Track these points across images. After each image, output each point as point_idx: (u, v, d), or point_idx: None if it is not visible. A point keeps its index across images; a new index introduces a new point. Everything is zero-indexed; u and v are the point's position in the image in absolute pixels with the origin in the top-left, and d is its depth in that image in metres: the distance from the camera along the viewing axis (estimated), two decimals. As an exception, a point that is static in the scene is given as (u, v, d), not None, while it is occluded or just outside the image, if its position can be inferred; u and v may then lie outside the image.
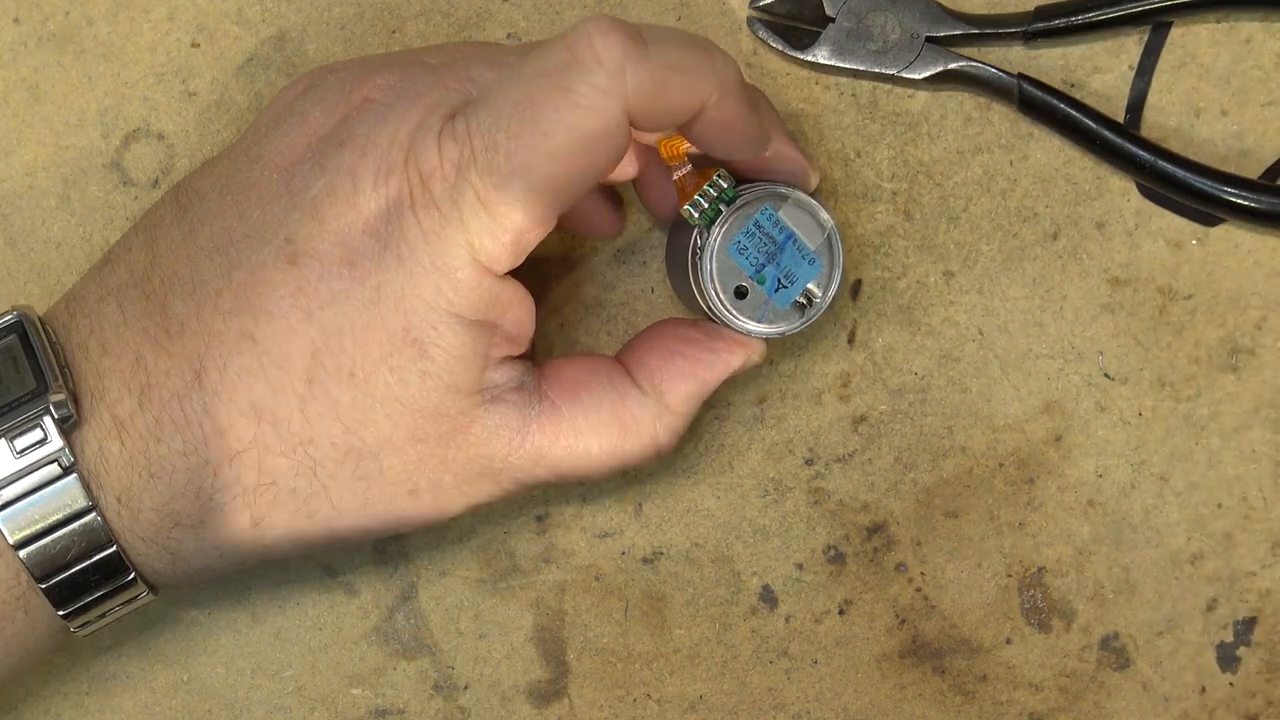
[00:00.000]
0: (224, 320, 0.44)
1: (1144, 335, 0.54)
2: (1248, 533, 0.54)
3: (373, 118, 0.45)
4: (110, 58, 0.56)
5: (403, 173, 0.43)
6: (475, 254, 0.43)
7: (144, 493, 0.44)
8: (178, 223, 0.46)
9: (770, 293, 0.49)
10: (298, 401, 0.44)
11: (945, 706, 0.54)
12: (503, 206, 0.43)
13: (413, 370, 0.44)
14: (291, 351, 0.44)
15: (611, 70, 0.42)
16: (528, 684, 0.54)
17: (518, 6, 0.56)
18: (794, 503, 0.54)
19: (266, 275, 0.44)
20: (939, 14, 0.54)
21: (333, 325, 0.44)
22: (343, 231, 0.44)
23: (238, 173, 0.46)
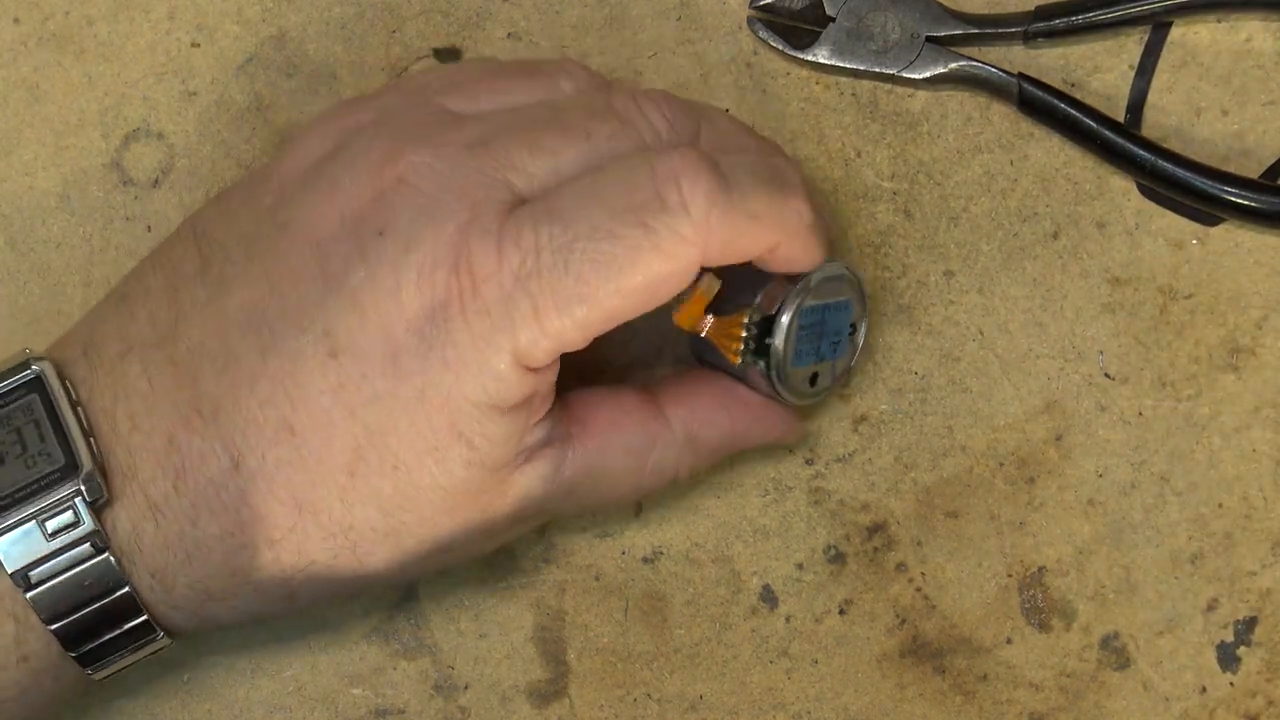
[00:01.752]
0: (261, 409, 0.43)
1: (1144, 335, 0.54)
2: (1248, 532, 0.54)
3: (414, 206, 0.43)
4: (110, 58, 0.56)
5: (452, 273, 0.43)
6: (520, 358, 0.43)
7: (179, 572, 0.44)
8: (201, 280, 0.45)
9: (832, 358, 0.50)
10: (339, 492, 0.44)
11: (945, 706, 0.54)
12: (558, 324, 0.43)
13: (458, 461, 0.44)
14: (334, 446, 0.43)
15: (697, 221, 0.43)
16: (528, 684, 0.54)
17: (518, 6, 0.56)
18: (794, 502, 0.54)
19: (306, 367, 0.43)
20: (939, 14, 0.54)
21: (376, 423, 0.43)
22: (385, 328, 0.43)
23: (264, 237, 0.45)
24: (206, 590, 0.45)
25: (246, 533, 0.44)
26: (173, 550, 0.44)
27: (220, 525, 0.44)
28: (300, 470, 0.43)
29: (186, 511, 0.44)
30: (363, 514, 0.44)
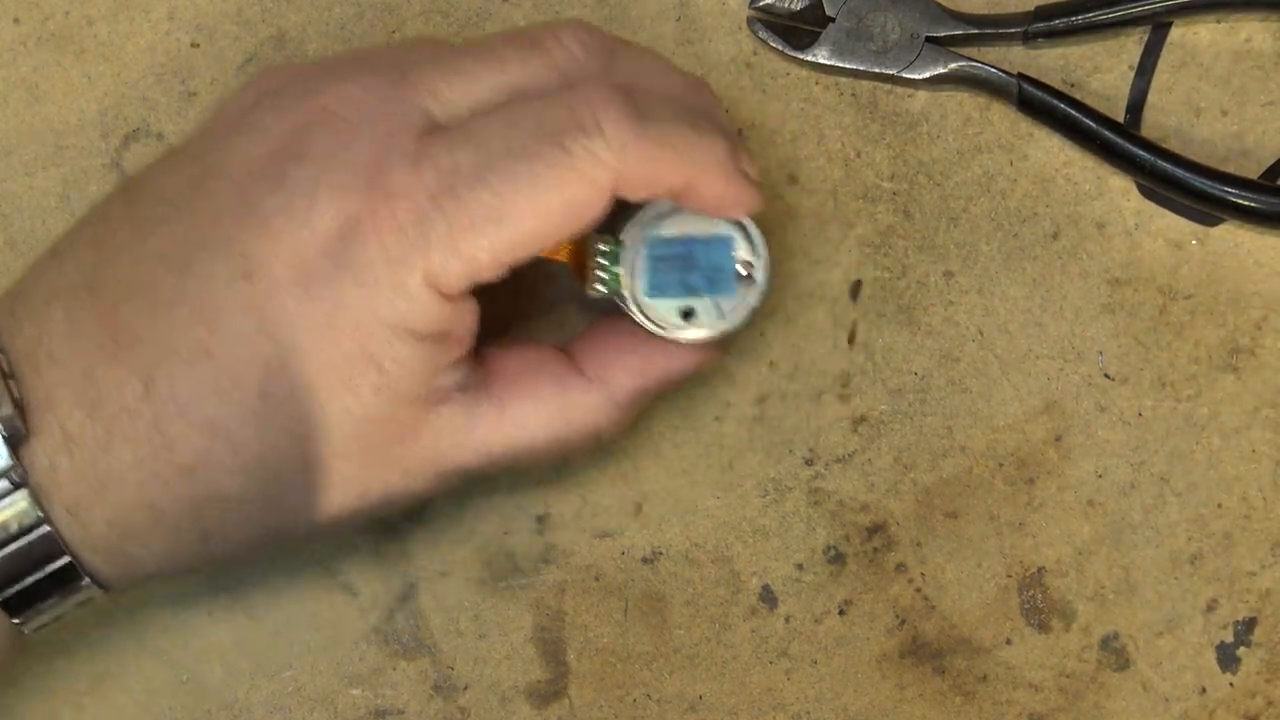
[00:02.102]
0: (178, 332, 0.44)
1: (1144, 335, 0.54)
2: (1248, 533, 0.54)
3: (332, 130, 0.44)
4: (110, 58, 0.56)
5: (366, 193, 0.43)
6: (433, 280, 0.43)
7: (94, 505, 0.44)
8: (127, 223, 0.46)
9: (711, 294, 0.49)
10: (251, 416, 0.44)
11: (945, 707, 0.54)
12: (471, 246, 0.43)
13: (367, 385, 0.44)
14: (246, 366, 0.43)
15: (612, 144, 0.43)
16: (527, 684, 0.54)
17: (517, 6, 0.56)
18: (794, 503, 0.54)
19: (220, 288, 0.44)
20: (939, 14, 0.54)
21: (288, 342, 0.43)
22: (298, 250, 0.43)
23: (189, 181, 0.45)
24: (123, 527, 0.44)
25: (159, 459, 0.44)
26: (86, 481, 0.44)
27: (133, 452, 0.44)
28: (213, 393, 0.43)
29: (100, 439, 0.43)
30: (275, 440, 0.44)
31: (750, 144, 0.55)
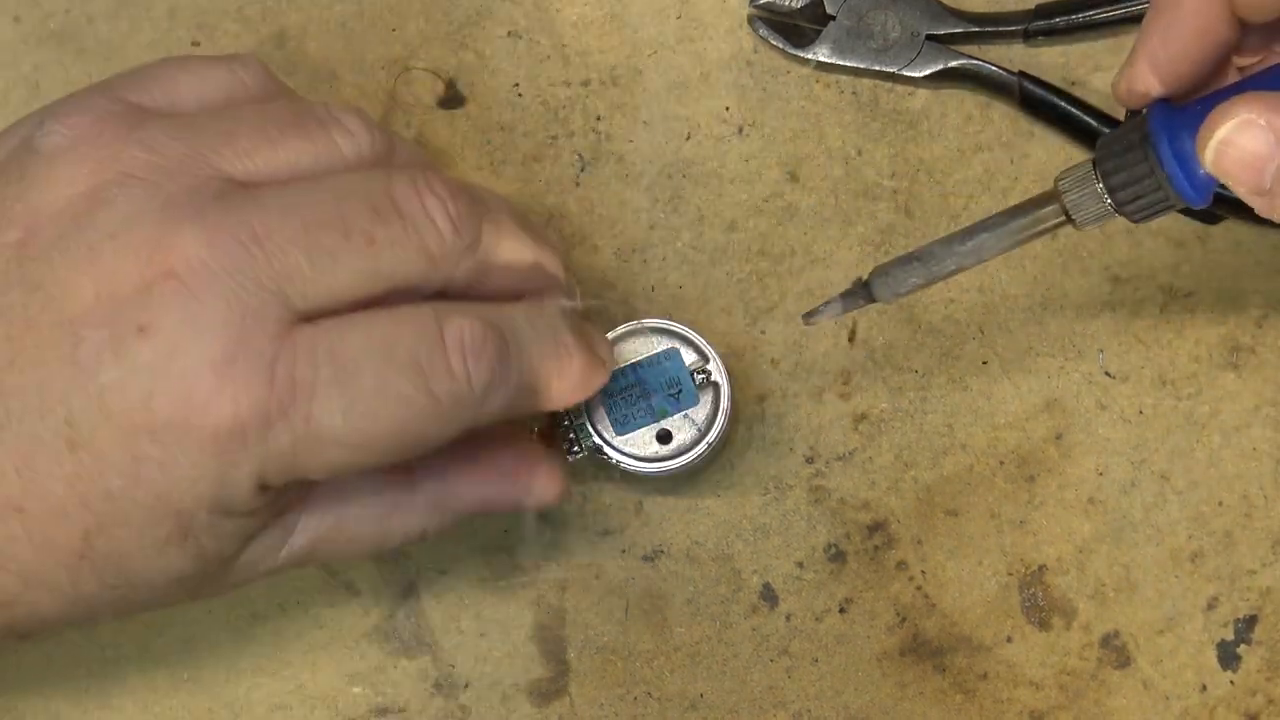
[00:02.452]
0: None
1: (1145, 333, 0.54)
2: (1248, 531, 0.54)
3: (180, 309, 0.41)
4: (111, 56, 0.56)
5: (213, 389, 0.41)
6: (261, 479, 0.42)
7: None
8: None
9: (678, 409, 0.50)
10: (67, 571, 0.43)
11: (946, 705, 0.54)
12: (310, 461, 0.42)
13: (184, 554, 0.43)
14: (64, 531, 0.42)
15: (477, 394, 0.43)
16: (528, 682, 0.54)
17: (518, 4, 0.56)
18: (794, 501, 0.54)
19: (42, 453, 0.41)
20: (939, 12, 0.54)
21: (109, 516, 0.42)
22: (131, 433, 0.41)
23: (9, 288, 0.42)
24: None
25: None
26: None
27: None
28: (28, 547, 0.42)
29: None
30: (90, 589, 0.43)
31: (751, 142, 0.55)
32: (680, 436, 0.50)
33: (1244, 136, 0.39)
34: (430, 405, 0.43)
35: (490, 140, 0.56)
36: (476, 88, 0.56)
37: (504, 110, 0.56)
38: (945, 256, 0.45)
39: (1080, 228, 0.44)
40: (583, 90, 0.56)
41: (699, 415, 0.51)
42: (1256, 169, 0.39)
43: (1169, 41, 0.42)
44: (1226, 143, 0.39)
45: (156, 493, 0.42)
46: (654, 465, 0.50)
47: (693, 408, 0.50)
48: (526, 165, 0.55)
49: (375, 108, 0.55)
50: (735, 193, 0.55)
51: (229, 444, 0.41)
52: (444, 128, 0.56)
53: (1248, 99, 0.39)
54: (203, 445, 0.41)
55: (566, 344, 0.46)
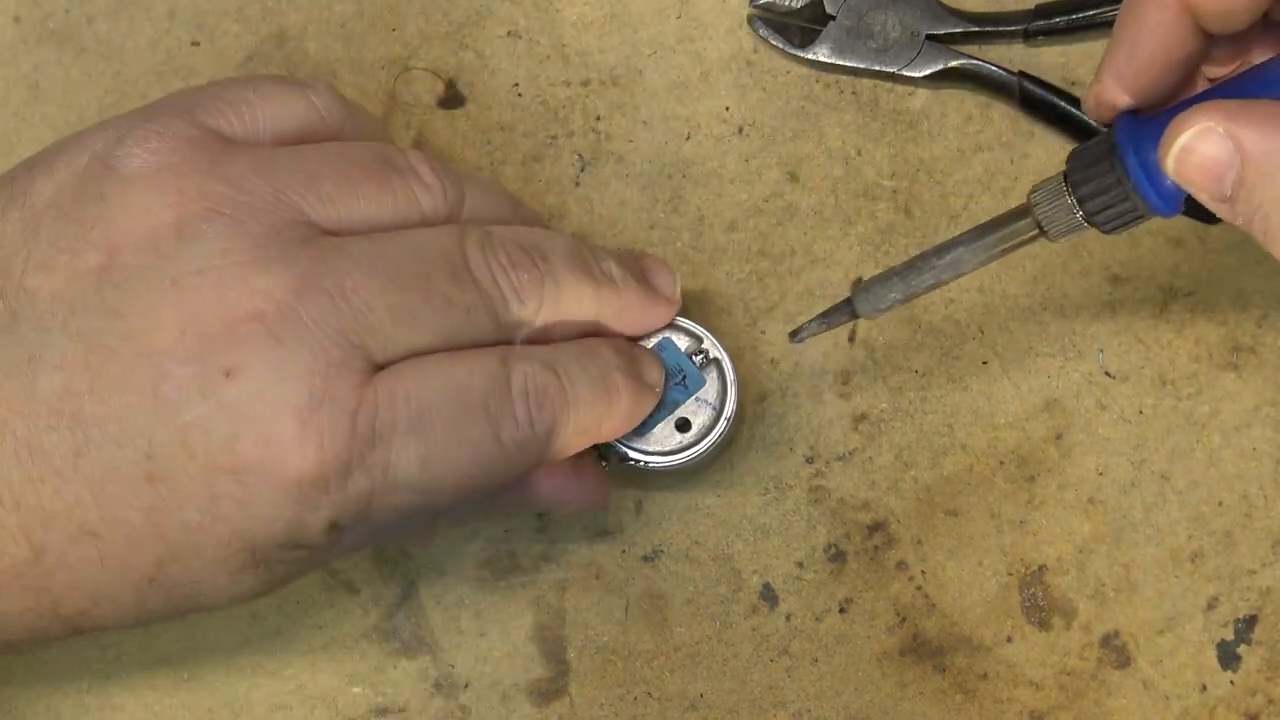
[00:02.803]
0: (66, 510, 0.42)
1: (1145, 333, 0.54)
2: (1248, 531, 0.54)
3: (267, 355, 0.41)
4: (110, 56, 0.56)
5: (297, 437, 0.41)
6: (335, 522, 0.43)
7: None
8: (6, 337, 0.42)
9: (688, 394, 0.50)
10: (136, 592, 0.43)
11: (946, 704, 0.54)
12: (384, 506, 0.43)
13: (255, 580, 0.44)
14: (137, 558, 0.43)
15: (541, 441, 0.45)
16: (528, 682, 0.54)
17: (517, 4, 0.56)
18: (794, 501, 0.54)
19: (119, 482, 0.42)
20: (939, 12, 0.54)
21: (183, 546, 0.42)
22: (211, 471, 0.42)
23: (88, 313, 0.42)
24: (6, 641, 0.44)
25: (42, 609, 0.43)
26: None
27: (19, 603, 0.43)
28: (100, 570, 0.43)
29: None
30: (156, 606, 0.44)
31: (751, 142, 0.55)
32: (698, 420, 0.50)
33: (1203, 143, 0.39)
34: (498, 452, 0.44)
35: (490, 140, 0.56)
36: (476, 88, 0.56)
37: (504, 110, 0.56)
38: (924, 271, 0.46)
39: (1054, 240, 0.45)
40: (583, 90, 0.56)
41: (710, 394, 0.50)
42: (1216, 176, 0.39)
43: (1134, 54, 0.43)
44: (1187, 150, 0.39)
45: (233, 529, 0.42)
46: (681, 455, 0.50)
47: (701, 389, 0.50)
48: (526, 165, 0.55)
49: (375, 108, 0.55)
50: (735, 193, 0.55)
51: (309, 490, 0.42)
52: (444, 128, 0.56)
53: (1208, 107, 0.39)
54: (284, 490, 0.42)
55: (616, 385, 0.47)
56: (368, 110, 0.49)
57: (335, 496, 0.42)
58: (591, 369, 0.46)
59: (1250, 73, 0.41)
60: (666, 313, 0.49)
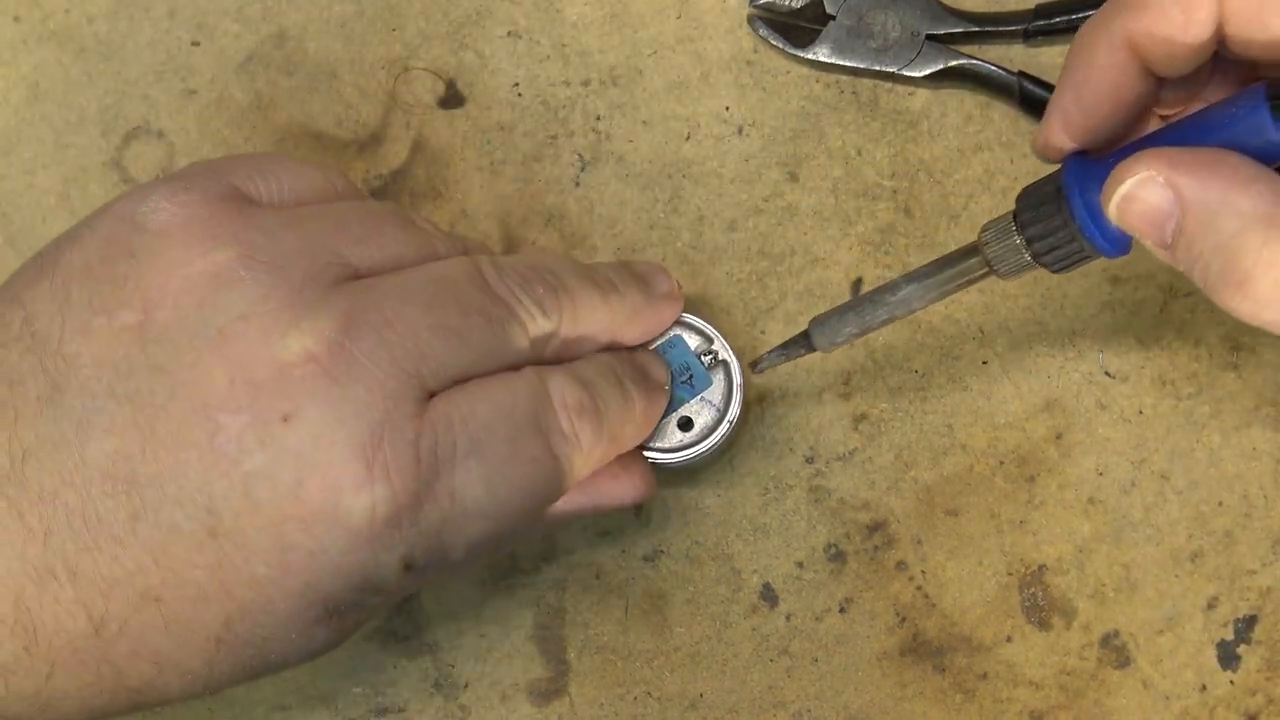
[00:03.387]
0: (127, 577, 0.41)
1: (1145, 333, 0.54)
2: (1248, 530, 0.54)
3: (323, 396, 0.41)
4: (110, 56, 0.56)
5: (363, 474, 0.41)
6: (409, 561, 0.43)
7: (35, 716, 0.42)
8: (52, 409, 0.41)
9: (693, 394, 0.50)
10: (203, 655, 0.42)
11: (946, 704, 0.54)
12: (454, 538, 0.43)
13: (328, 632, 0.43)
14: (203, 618, 0.41)
15: (585, 450, 0.46)
16: (528, 682, 0.54)
17: (517, 4, 0.56)
18: (794, 501, 0.54)
19: (181, 542, 0.41)
20: (939, 12, 0.54)
21: (252, 602, 0.41)
22: (277, 521, 0.41)
23: (134, 374, 0.41)
24: (54, 714, 0.43)
25: (104, 683, 0.42)
26: (26, 703, 0.42)
27: (78, 679, 0.42)
28: (165, 636, 0.41)
29: (41, 670, 0.41)
30: (224, 670, 0.43)
31: (751, 142, 0.55)
32: (701, 420, 0.50)
33: (1144, 192, 0.39)
34: (553, 466, 0.44)
35: (490, 140, 0.56)
36: (476, 88, 0.56)
37: (504, 110, 0.56)
38: (878, 307, 0.47)
39: (1004, 279, 0.45)
40: (583, 90, 0.56)
41: (715, 395, 0.51)
42: (1157, 224, 0.39)
43: (1082, 97, 0.42)
44: (1129, 198, 0.40)
45: (305, 580, 0.41)
46: (682, 454, 0.50)
47: (707, 389, 0.50)
48: (526, 165, 0.55)
49: (375, 108, 0.55)
50: (735, 193, 0.55)
51: (382, 529, 0.41)
52: (444, 128, 0.56)
53: (1149, 155, 0.39)
54: (356, 532, 0.41)
55: (629, 392, 0.47)
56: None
57: (408, 532, 0.42)
58: (609, 377, 0.47)
59: (1195, 117, 0.41)
60: (673, 310, 0.50)
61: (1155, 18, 0.40)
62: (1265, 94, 0.39)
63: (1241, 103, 0.40)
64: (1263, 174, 0.38)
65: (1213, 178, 0.38)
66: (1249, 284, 0.38)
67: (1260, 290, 0.38)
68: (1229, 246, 0.38)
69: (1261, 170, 0.39)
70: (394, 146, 0.56)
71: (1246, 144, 0.39)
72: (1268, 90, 0.39)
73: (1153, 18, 0.40)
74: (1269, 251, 0.37)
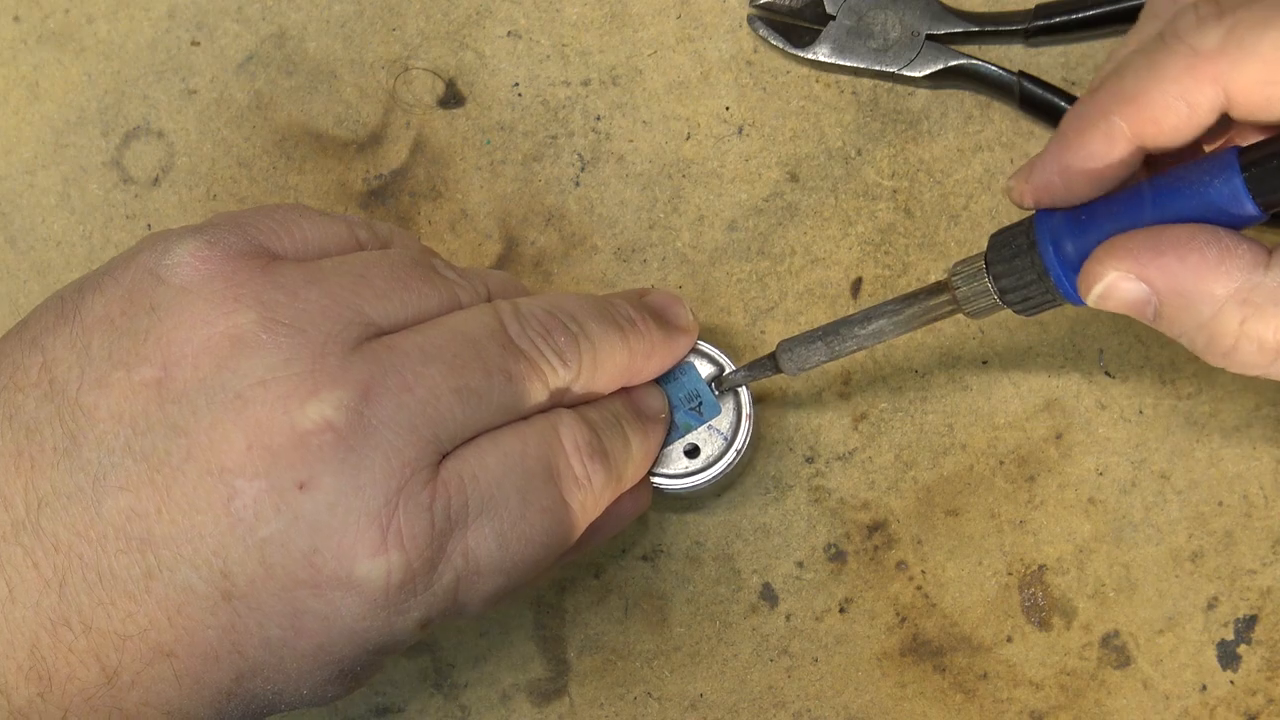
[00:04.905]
0: (141, 633, 0.41)
1: (1145, 333, 0.54)
2: (1248, 530, 0.54)
3: (340, 464, 0.41)
4: (110, 56, 0.56)
5: (378, 543, 0.41)
6: (425, 622, 0.43)
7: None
8: (68, 462, 0.41)
9: (701, 422, 0.51)
10: (214, 707, 0.42)
11: (946, 704, 0.54)
12: (470, 594, 0.43)
13: (342, 688, 0.44)
14: (214, 675, 0.42)
15: (596, 492, 0.46)
16: (528, 682, 0.54)
17: (518, 4, 0.56)
18: (794, 501, 0.54)
19: (195, 603, 0.41)
20: (939, 12, 0.54)
21: (264, 664, 0.42)
22: (291, 586, 0.41)
23: (150, 431, 0.41)
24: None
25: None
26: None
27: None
28: (176, 689, 0.42)
29: (55, 715, 0.41)
30: (234, 718, 0.43)
31: (751, 142, 0.55)
32: (708, 449, 0.51)
33: (1118, 291, 0.41)
34: (565, 514, 0.44)
35: (490, 140, 0.56)
36: (476, 87, 0.56)
37: (504, 110, 0.56)
38: (847, 338, 0.48)
39: (971, 318, 0.46)
40: (583, 90, 0.56)
41: (723, 424, 0.51)
42: (1138, 309, 0.41)
43: (1068, 173, 0.42)
44: (1105, 295, 0.41)
45: (319, 643, 0.42)
46: (688, 480, 0.50)
47: (716, 418, 0.51)
48: (526, 165, 0.55)
49: (375, 108, 0.55)
50: (735, 193, 0.55)
51: (397, 595, 0.42)
52: (444, 128, 0.56)
53: (1118, 252, 0.40)
54: (371, 599, 0.41)
55: (629, 436, 0.48)
56: (400, 229, 0.49)
57: (423, 596, 0.42)
58: (609, 417, 0.47)
59: (1168, 178, 0.41)
60: (688, 342, 0.50)
61: (1159, 112, 0.40)
62: (1238, 163, 0.39)
63: (1215, 170, 0.40)
64: (1231, 248, 0.39)
65: (1181, 268, 0.40)
66: (1235, 354, 0.40)
67: (1247, 357, 0.40)
68: (1209, 327, 0.40)
69: (1230, 242, 0.40)
70: (394, 146, 0.56)
71: (1219, 213, 0.40)
72: (1240, 158, 0.39)
73: (1156, 112, 0.40)
74: (1248, 326, 0.39)
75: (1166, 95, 0.40)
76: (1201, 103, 0.40)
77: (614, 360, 0.47)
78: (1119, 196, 0.42)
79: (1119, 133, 0.41)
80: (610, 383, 0.47)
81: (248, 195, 0.55)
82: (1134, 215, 0.41)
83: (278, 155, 0.55)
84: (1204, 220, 0.40)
